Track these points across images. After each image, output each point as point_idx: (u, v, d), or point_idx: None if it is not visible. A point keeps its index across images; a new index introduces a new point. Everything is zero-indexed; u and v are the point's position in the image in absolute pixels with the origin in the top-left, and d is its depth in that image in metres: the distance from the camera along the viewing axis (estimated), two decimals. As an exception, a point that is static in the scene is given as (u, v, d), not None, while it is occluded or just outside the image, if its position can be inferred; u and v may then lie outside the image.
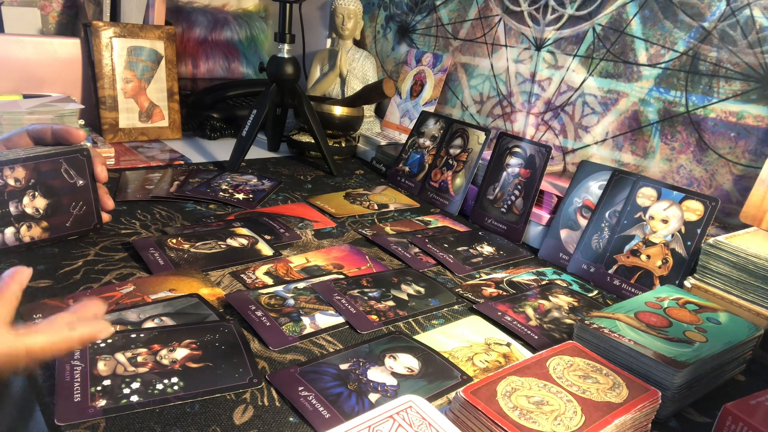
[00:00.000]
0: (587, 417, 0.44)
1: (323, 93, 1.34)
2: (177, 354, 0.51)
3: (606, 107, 0.95)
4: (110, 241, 0.73)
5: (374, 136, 1.25)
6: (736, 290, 0.66)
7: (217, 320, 0.57)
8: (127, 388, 0.47)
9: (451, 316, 0.65)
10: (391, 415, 0.43)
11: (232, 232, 0.78)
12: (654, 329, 0.56)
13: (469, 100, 1.20)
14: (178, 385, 0.48)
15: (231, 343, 0.54)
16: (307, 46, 1.49)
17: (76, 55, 1.15)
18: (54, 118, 0.94)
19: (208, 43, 1.48)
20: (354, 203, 0.97)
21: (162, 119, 1.22)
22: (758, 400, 0.48)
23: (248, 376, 0.50)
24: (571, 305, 0.70)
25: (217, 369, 0.50)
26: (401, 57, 1.35)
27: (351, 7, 1.32)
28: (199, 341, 0.53)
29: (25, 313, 0.55)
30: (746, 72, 0.79)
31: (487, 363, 0.57)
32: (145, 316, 0.57)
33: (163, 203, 0.88)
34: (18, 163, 0.66)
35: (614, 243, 0.78)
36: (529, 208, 0.89)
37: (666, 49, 0.87)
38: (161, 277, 0.65)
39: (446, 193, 1.01)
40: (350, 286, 0.68)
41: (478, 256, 0.82)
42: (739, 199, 0.80)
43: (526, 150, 0.92)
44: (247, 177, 1.03)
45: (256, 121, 1.06)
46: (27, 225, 0.68)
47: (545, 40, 1.03)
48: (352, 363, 0.54)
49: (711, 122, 0.83)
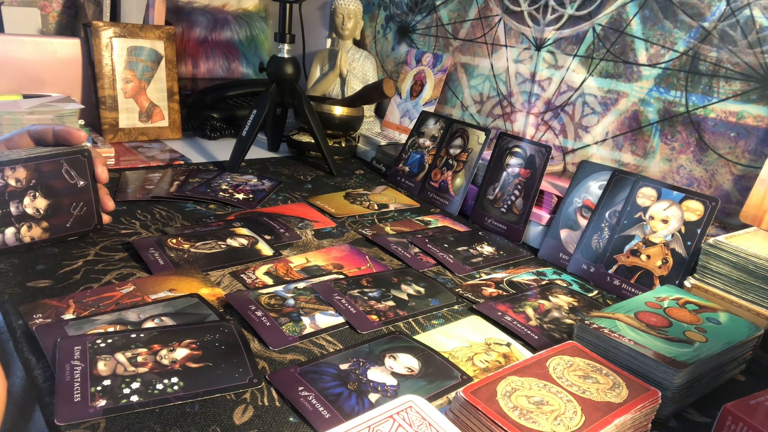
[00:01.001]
0: (587, 417, 0.44)
1: (323, 93, 1.34)
2: (177, 354, 0.51)
3: (606, 107, 0.95)
4: (110, 241, 0.73)
5: (374, 136, 1.25)
6: (736, 290, 0.67)
7: (217, 320, 0.57)
8: (127, 388, 0.47)
9: (451, 316, 0.65)
10: (391, 415, 0.43)
11: (232, 232, 0.78)
12: (654, 329, 0.56)
13: (469, 100, 1.20)
14: (178, 385, 0.48)
15: (231, 343, 0.54)
16: (307, 46, 1.49)
17: (76, 55, 1.15)
18: (54, 118, 0.94)
19: (208, 43, 1.48)
20: (354, 203, 0.97)
21: (162, 119, 1.22)
22: (758, 400, 0.48)
23: (248, 376, 0.50)
24: (571, 305, 0.70)
25: (217, 369, 0.51)
26: (401, 57, 1.35)
27: (351, 7, 1.32)
28: (199, 341, 0.53)
29: (25, 313, 0.55)
30: (746, 72, 0.79)
31: (487, 363, 0.57)
32: (145, 316, 0.57)
33: (163, 203, 0.88)
34: (19, 163, 0.66)
35: (614, 243, 0.78)
36: (529, 208, 0.89)
37: (666, 49, 0.87)
38: (161, 277, 0.65)
39: (446, 193, 1.01)
40: (350, 286, 0.68)
41: (478, 256, 0.82)
42: (739, 199, 0.80)
43: (526, 150, 0.92)
44: (247, 177, 1.03)
45: (256, 121, 1.06)
46: (27, 225, 0.68)
47: (545, 40, 1.03)
48: (352, 363, 0.54)
49: (711, 122, 0.83)
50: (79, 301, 0.58)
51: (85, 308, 0.57)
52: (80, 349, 0.50)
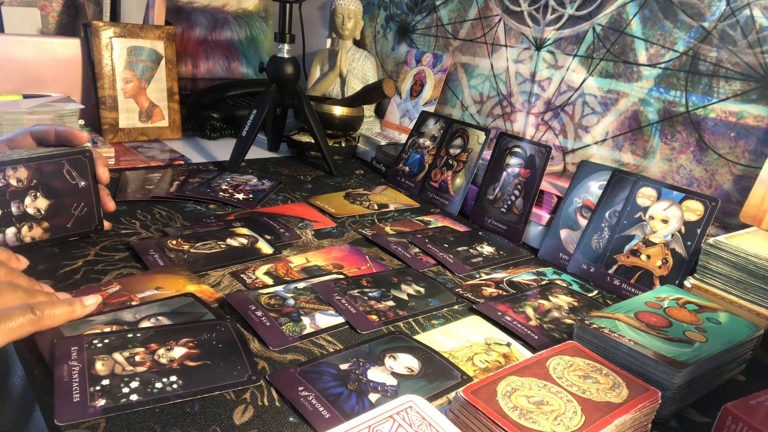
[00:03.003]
0: (587, 417, 0.45)
1: (323, 93, 1.34)
2: (174, 353, 0.51)
3: (606, 107, 0.95)
4: (110, 241, 0.73)
5: (374, 136, 1.25)
6: (736, 290, 0.67)
7: (213, 319, 0.57)
8: (126, 388, 0.47)
9: (451, 316, 0.65)
10: (391, 415, 0.43)
11: (232, 232, 0.78)
12: (654, 329, 0.56)
13: (469, 100, 1.20)
14: (177, 384, 0.48)
15: (228, 341, 0.54)
16: (307, 46, 1.49)
17: (76, 55, 1.15)
18: (54, 118, 0.94)
19: (208, 43, 1.48)
20: (354, 203, 0.97)
21: (162, 119, 1.22)
22: (758, 400, 0.48)
23: (247, 373, 0.50)
24: (571, 305, 0.70)
25: (216, 367, 0.51)
26: (401, 57, 1.35)
27: (351, 7, 1.32)
28: (197, 340, 0.54)
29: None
30: (746, 72, 0.79)
31: (487, 363, 0.57)
32: (140, 316, 0.57)
33: (163, 203, 0.88)
34: (21, 163, 0.66)
35: (614, 243, 0.78)
36: (529, 208, 0.89)
37: (666, 49, 0.87)
38: (147, 275, 0.65)
39: (446, 193, 1.01)
40: (350, 286, 0.68)
41: (478, 256, 0.82)
42: (739, 199, 0.80)
43: (526, 150, 0.92)
44: (247, 177, 1.03)
45: (256, 121, 1.06)
46: (28, 225, 0.68)
47: (545, 40, 1.03)
48: (352, 363, 0.54)
49: (711, 122, 0.83)
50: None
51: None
52: (77, 349, 0.50)
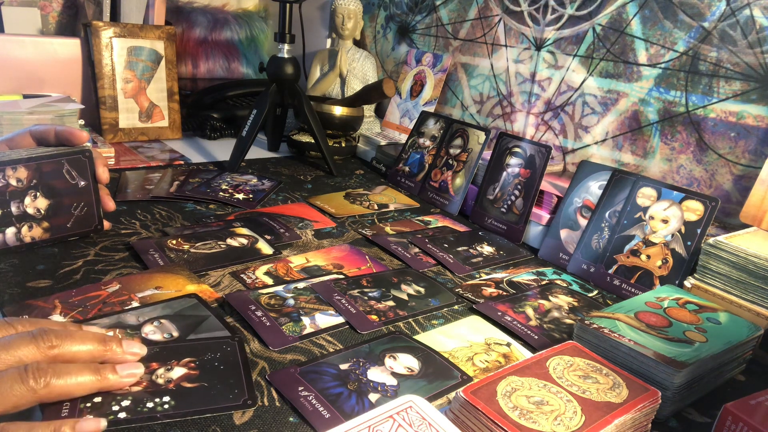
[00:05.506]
0: (587, 417, 0.45)
1: (323, 93, 1.34)
2: (173, 374, 0.50)
3: (606, 107, 0.95)
4: (110, 241, 0.73)
5: (374, 136, 1.25)
6: (736, 290, 0.67)
7: (220, 336, 0.56)
8: (116, 405, 0.45)
9: (451, 316, 0.65)
10: (391, 415, 0.43)
11: (232, 232, 0.78)
12: (654, 329, 0.56)
13: (469, 100, 1.20)
14: (168, 404, 0.46)
15: (231, 362, 0.52)
16: (307, 46, 1.49)
17: (76, 55, 1.15)
18: (54, 118, 0.94)
19: (208, 43, 1.48)
20: (354, 203, 0.97)
21: (162, 119, 1.22)
22: (758, 400, 0.48)
23: (243, 398, 0.48)
24: (571, 305, 0.70)
25: (212, 389, 0.49)
26: (401, 57, 1.35)
27: (351, 7, 1.32)
28: (199, 360, 0.52)
29: (10, 314, 0.55)
30: (746, 72, 0.79)
31: (487, 363, 0.57)
32: (144, 319, 0.56)
33: (163, 203, 0.88)
34: (20, 163, 0.66)
35: (614, 243, 0.78)
36: (529, 208, 0.89)
37: (666, 49, 0.87)
38: (147, 275, 0.65)
39: (446, 193, 1.01)
40: (350, 286, 0.68)
41: (478, 256, 0.82)
42: (739, 199, 0.80)
43: (526, 150, 0.92)
44: (247, 177, 1.03)
45: (256, 121, 1.06)
46: (28, 225, 0.68)
47: (545, 40, 1.03)
48: (352, 363, 0.54)
49: (711, 122, 0.83)
50: (65, 301, 0.58)
51: (71, 308, 0.57)
52: None
